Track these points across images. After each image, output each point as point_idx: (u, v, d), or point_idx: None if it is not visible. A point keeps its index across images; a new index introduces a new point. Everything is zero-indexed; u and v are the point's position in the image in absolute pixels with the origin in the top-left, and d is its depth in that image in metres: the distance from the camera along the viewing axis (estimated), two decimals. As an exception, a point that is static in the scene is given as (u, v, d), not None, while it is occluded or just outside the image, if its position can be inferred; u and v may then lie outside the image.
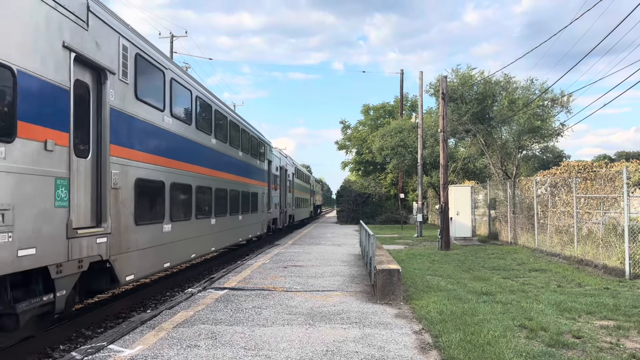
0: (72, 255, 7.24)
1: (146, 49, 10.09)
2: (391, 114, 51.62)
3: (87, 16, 7.73)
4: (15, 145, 6.10)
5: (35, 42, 6.52)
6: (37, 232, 6.47)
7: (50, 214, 6.75)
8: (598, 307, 8.77)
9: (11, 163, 6.02)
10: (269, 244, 22.81)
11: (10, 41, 6.04)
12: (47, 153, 6.70)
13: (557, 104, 23.74)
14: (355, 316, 7.97)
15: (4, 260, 5.83)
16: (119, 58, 8.81)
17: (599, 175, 16.11)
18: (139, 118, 9.61)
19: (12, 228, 5.99)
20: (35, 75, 6.49)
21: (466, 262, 15.18)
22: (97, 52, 8.04)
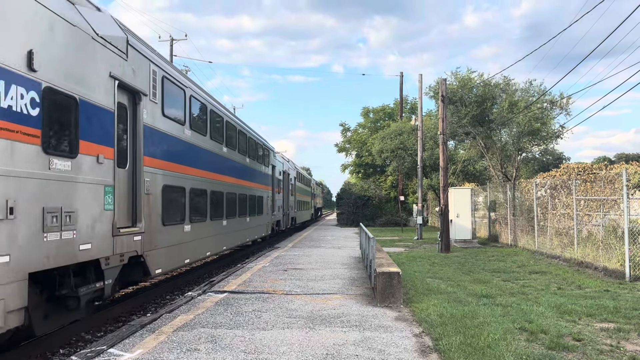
0: (116, 250, 8.57)
1: (170, 71, 11.60)
2: (391, 116, 51.66)
3: (126, 49, 9.11)
4: (78, 160, 7.44)
5: (90, 74, 7.83)
6: (92, 230, 7.79)
7: (101, 216, 8.09)
8: (598, 309, 8.76)
9: (75, 175, 7.36)
10: (269, 246, 22.80)
11: (73, 75, 7.35)
12: (99, 165, 8.03)
13: (556, 106, 23.76)
14: (356, 319, 7.96)
15: (70, 253, 7.17)
16: (150, 81, 10.17)
17: (599, 177, 16.11)
18: (165, 132, 10.99)
19: (75, 227, 7.32)
20: (90, 102, 7.82)
21: (466, 265, 15.17)
22: (134, 78, 9.39)
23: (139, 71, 9.66)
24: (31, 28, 6.47)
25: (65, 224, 7.07)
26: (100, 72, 8.16)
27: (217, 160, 15.26)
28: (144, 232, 9.66)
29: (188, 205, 12.35)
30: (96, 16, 8.40)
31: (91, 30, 7.90)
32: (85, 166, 7.64)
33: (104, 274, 8.24)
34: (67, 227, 7.09)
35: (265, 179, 23.50)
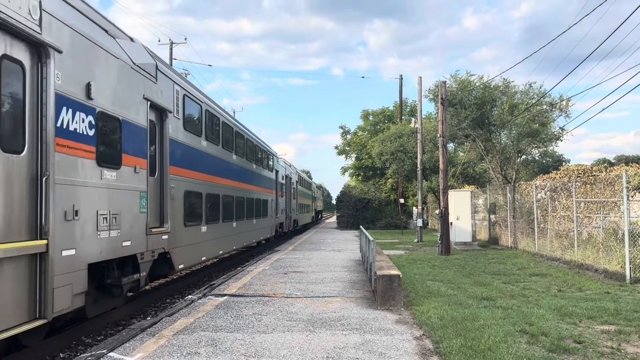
0: (149, 247, 9.93)
1: (189, 89, 12.92)
2: (390, 119, 51.67)
3: (156, 73, 10.43)
4: (121, 170, 8.81)
5: (129, 98, 9.19)
6: (132, 229, 9.13)
7: (138, 217, 9.42)
8: (599, 311, 8.75)
9: (119, 183, 8.71)
10: (269, 249, 22.78)
11: (117, 100, 8.71)
12: (136, 174, 9.38)
13: (556, 108, 23.78)
14: (356, 322, 7.95)
15: (116, 248, 8.57)
16: (174, 100, 11.53)
17: (599, 179, 16.12)
18: (186, 144, 12.34)
19: (120, 227, 8.68)
20: (129, 121, 9.15)
21: (466, 267, 15.16)
22: (162, 98, 10.77)
23: (166, 91, 11.09)
24: (89, 64, 7.85)
25: (112, 224, 8.50)
26: (136, 95, 9.56)
27: (228, 167, 16.62)
28: (170, 231, 11.06)
29: (204, 208, 13.76)
30: (131, 46, 9.84)
31: (129, 60, 9.32)
32: (126, 175, 9.02)
33: (140, 267, 9.60)
34: (113, 227, 8.52)
35: (270, 184, 24.75)
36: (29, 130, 6.51)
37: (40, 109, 6.67)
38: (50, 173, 6.72)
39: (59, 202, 6.99)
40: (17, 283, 6.21)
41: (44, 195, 6.67)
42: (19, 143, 6.36)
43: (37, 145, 6.64)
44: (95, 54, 8.06)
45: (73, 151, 7.33)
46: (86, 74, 7.73)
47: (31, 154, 6.55)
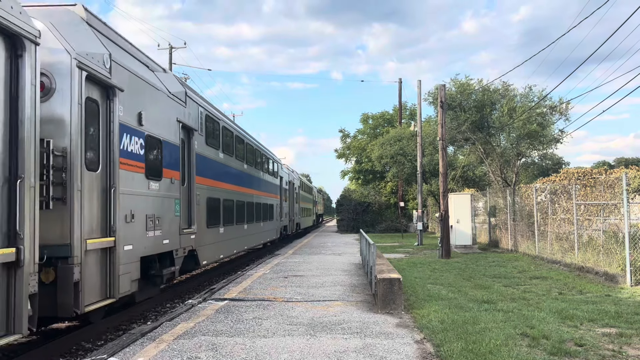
0: (181, 245, 11.82)
1: (210, 109, 14.96)
2: (390, 122, 51.73)
3: (185, 99, 12.35)
4: (161, 181, 10.60)
5: (166, 121, 11.06)
6: (169, 230, 10.98)
7: (173, 220, 11.30)
8: (600, 314, 8.74)
9: (160, 191, 10.56)
10: (269, 253, 22.77)
11: (158, 124, 10.59)
12: (172, 184, 11.26)
13: (555, 111, 23.81)
14: (357, 326, 7.94)
15: (158, 245, 10.44)
16: (198, 120, 13.43)
17: (599, 182, 16.12)
18: (208, 157, 14.33)
19: (161, 228, 10.54)
20: (167, 140, 11.01)
21: (467, 271, 15.14)
22: (190, 119, 12.64)
23: (192, 113, 12.99)
24: (140, 97, 9.71)
25: (156, 225, 10.26)
26: (172, 118, 11.43)
27: (240, 175, 18.57)
28: (196, 232, 12.89)
29: (222, 212, 15.59)
30: (166, 77, 11.88)
31: (166, 90, 11.16)
32: (165, 186, 10.86)
33: (175, 261, 11.45)
34: (157, 228, 10.31)
35: (275, 189, 26.64)
36: (102, 152, 8.43)
37: (108, 136, 8.57)
38: (117, 185, 8.58)
39: (122, 208, 8.80)
40: (96, 270, 8.14)
41: (112, 203, 8.53)
42: (96, 163, 8.29)
43: (107, 164, 8.52)
44: (143, 88, 9.97)
45: (130, 167, 9.24)
46: (138, 106, 9.62)
47: (103, 171, 8.45)
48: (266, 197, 23.60)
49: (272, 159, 26.41)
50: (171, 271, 11.25)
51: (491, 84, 24.86)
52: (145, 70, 10.36)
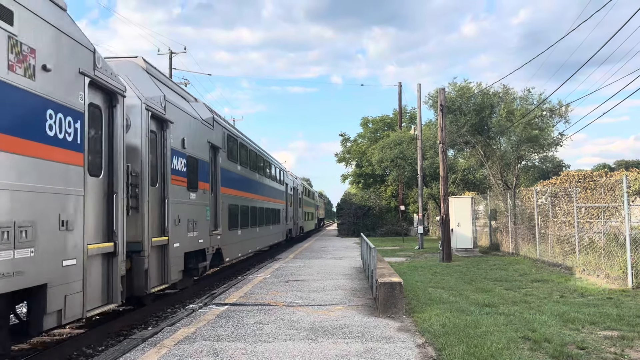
0: (211, 244, 14.29)
1: (231, 129, 17.72)
2: (390, 126, 51.72)
3: (213, 123, 14.83)
4: (197, 192, 13.06)
5: (200, 143, 13.61)
6: (202, 231, 13.40)
7: (205, 223, 13.75)
8: (601, 317, 8.72)
9: (197, 200, 13.04)
10: (269, 258, 22.75)
11: (195, 146, 13.07)
12: (204, 194, 13.71)
13: (555, 114, 23.82)
14: (358, 330, 7.92)
15: (195, 243, 12.79)
16: (222, 139, 15.92)
17: (599, 184, 16.10)
18: (229, 170, 16.82)
19: (197, 229, 12.93)
20: (201, 159, 13.53)
21: (468, 274, 15.12)
22: (216, 139, 15.16)
23: (218, 134, 15.44)
24: (183, 126, 12.14)
25: (194, 228, 12.69)
26: (203, 140, 13.96)
27: (253, 184, 21.06)
28: (221, 234, 15.31)
29: (239, 217, 18.03)
30: (198, 106, 14.70)
31: (199, 117, 13.69)
32: (200, 195, 13.30)
33: (206, 257, 13.88)
34: (195, 230, 12.75)
35: (281, 195, 28.91)
36: (159, 171, 10.87)
37: (163, 158, 11.00)
38: (169, 196, 11.03)
39: (172, 214, 11.20)
40: (156, 262, 10.49)
41: (165, 210, 10.97)
42: (156, 179, 10.71)
43: (163, 180, 10.96)
44: (185, 119, 12.39)
45: (177, 182, 11.67)
46: (182, 133, 12.09)
47: (160, 185, 10.91)
48: (274, 203, 26.05)
49: (279, 167, 29.03)
50: (204, 265, 13.71)
51: (490, 87, 24.90)
52: (185, 103, 13.16)
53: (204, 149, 13.92)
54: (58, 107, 6.87)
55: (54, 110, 6.79)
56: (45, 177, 6.58)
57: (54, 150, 6.78)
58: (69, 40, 7.23)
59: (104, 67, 8.25)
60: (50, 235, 6.63)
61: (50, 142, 6.70)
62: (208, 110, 15.40)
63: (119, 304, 8.60)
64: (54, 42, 6.88)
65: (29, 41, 6.28)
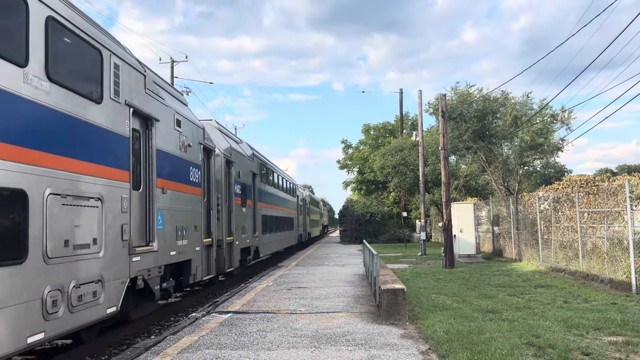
0: (253, 243, 19.28)
1: (262, 159, 23.52)
2: (392, 133, 51.81)
3: (253, 157, 20.09)
4: (246, 207, 18.35)
5: (247, 173, 18.82)
6: (249, 234, 18.59)
7: (250, 229, 18.78)
8: (606, 322, 8.69)
9: (246, 213, 18.41)
10: (272, 265, 22.72)
11: (244, 176, 18.45)
12: (249, 208, 18.82)
13: (557, 119, 23.82)
14: (361, 337, 7.90)
15: (245, 243, 17.90)
16: (258, 168, 21.35)
17: (602, 189, 16.07)
18: (262, 189, 22.30)
19: (246, 233, 18.20)
20: (248, 184, 18.78)
21: (471, 280, 15.08)
22: (255, 168, 20.43)
23: (255, 164, 20.91)
24: (239, 163, 17.08)
25: (245, 231, 17.86)
26: (248, 171, 19.17)
27: (277, 199, 26.88)
28: (258, 237, 20.63)
29: (268, 224, 23.47)
30: (244, 146, 20.17)
31: (246, 154, 19.11)
32: (247, 209, 18.54)
33: (251, 252, 18.99)
34: (245, 233, 17.88)
35: (294, 206, 34.56)
36: (228, 195, 15.83)
37: (229, 185, 15.94)
38: (234, 211, 16.20)
39: (235, 222, 16.22)
40: (228, 253, 15.31)
41: (232, 220, 15.97)
42: (227, 200, 15.63)
43: (229, 201, 15.82)
44: (239, 157, 17.66)
45: (236, 201, 16.75)
46: (238, 168, 17.24)
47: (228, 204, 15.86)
48: (290, 213, 31.75)
49: (293, 183, 35.49)
50: (249, 258, 19.00)
51: (491, 93, 24.92)
52: (237, 145, 18.70)
53: (249, 176, 19.32)
54: (194, 165, 12.37)
55: (193, 167, 12.28)
56: (191, 202, 12.06)
57: (193, 188, 12.25)
58: (194, 126, 12.53)
59: (206, 136, 13.82)
60: (192, 233, 11.97)
61: (191, 183, 12.11)
62: (249, 147, 21.33)
63: (213, 275, 14.29)
64: (190, 130, 12.17)
65: (184, 133, 11.71)
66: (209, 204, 13.73)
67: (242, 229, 17.40)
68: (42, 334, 6.12)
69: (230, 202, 15.93)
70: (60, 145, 6.68)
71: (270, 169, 25.31)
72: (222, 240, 14.66)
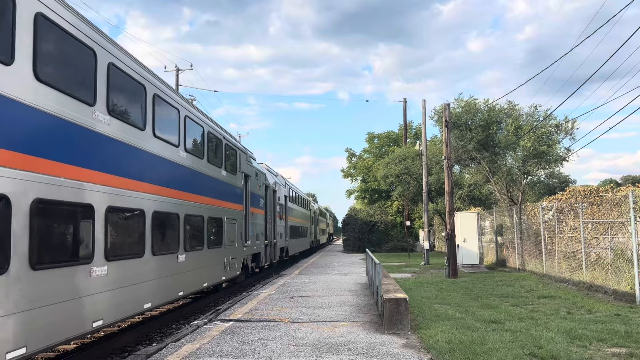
0: (285, 245, 27.93)
1: (292, 185, 34.27)
2: (396, 142, 51.82)
3: (285, 184, 29.93)
4: (282, 220, 27.26)
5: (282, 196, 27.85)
6: (283, 238, 27.38)
7: (284, 234, 27.77)
8: (609, 334, 8.64)
9: (282, 224, 27.20)
10: (275, 274, 22.71)
11: (281, 198, 27.36)
12: (282, 220, 27.35)
13: (561, 130, 23.78)
14: (363, 347, 7.88)
15: (282, 244, 26.85)
16: (288, 191, 30.62)
17: (605, 199, 16.02)
18: (290, 207, 30.94)
19: (282, 238, 27.01)
20: (282, 204, 28.33)
21: (474, 290, 15.03)
22: (286, 192, 29.59)
23: (287, 190, 29.78)
24: (279, 190, 26.20)
25: (282, 237, 26.61)
26: (282, 194, 27.22)
27: (298, 213, 34.91)
28: (288, 240, 28.53)
29: (294, 232, 31.76)
30: (279, 178, 28.33)
31: (282, 183, 28.02)
32: (282, 222, 26.92)
33: (284, 251, 27.44)
34: (281, 238, 26.45)
35: (308, 218, 42.95)
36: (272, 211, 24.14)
37: (274, 206, 24.52)
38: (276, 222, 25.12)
39: (277, 230, 24.92)
40: (272, 250, 23.74)
41: (275, 228, 24.55)
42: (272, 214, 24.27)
43: (273, 215, 24.23)
44: (279, 187, 26.18)
45: (277, 215, 25.12)
46: (278, 194, 25.66)
47: (272, 217, 23.89)
48: (306, 223, 40.69)
49: (309, 200, 45.55)
50: (283, 255, 26.50)
51: (496, 103, 24.92)
52: (276, 178, 26.52)
53: (283, 199, 27.47)
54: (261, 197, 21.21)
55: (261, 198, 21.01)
56: (261, 219, 20.83)
57: (261, 210, 20.93)
58: (262, 173, 21.83)
59: (265, 177, 22.04)
60: (260, 237, 20.48)
61: (260, 208, 20.79)
62: (282, 178, 30.42)
63: (269, 263, 22.72)
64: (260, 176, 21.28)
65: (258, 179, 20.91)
66: (266, 219, 22.15)
67: (280, 235, 25.82)
68: (223, 277, 15.24)
69: (274, 217, 24.41)
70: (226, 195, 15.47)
71: (295, 192, 34.76)
72: (270, 242, 22.97)
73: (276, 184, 25.08)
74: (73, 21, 7.45)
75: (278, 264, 26.89)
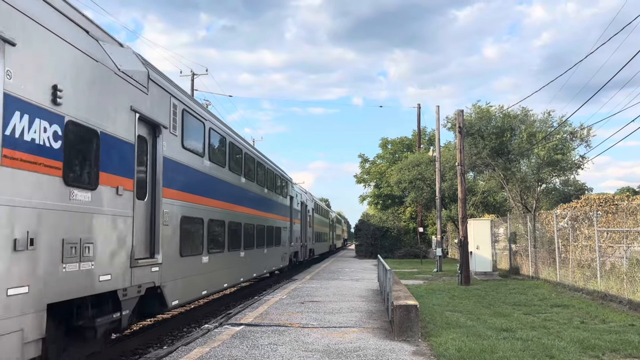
0: (312, 247, 34.86)
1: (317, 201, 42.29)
2: (409, 147, 51.73)
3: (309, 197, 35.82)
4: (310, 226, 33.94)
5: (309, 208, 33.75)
6: (310, 241, 33.87)
7: (311, 238, 34.18)
8: (623, 344, 8.52)
9: (309, 230, 33.71)
10: (286, 278, 22.74)
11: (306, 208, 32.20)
12: (310, 226, 34.00)
13: (576, 137, 23.59)
14: (372, 353, 7.86)
15: (310, 246, 33.83)
16: (312, 203, 35.99)
17: (621, 208, 15.84)
18: (316, 217, 37.66)
19: (310, 241, 33.60)
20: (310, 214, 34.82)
21: (486, 298, 14.91)
22: (310, 203, 34.11)
23: (314, 204, 37.68)
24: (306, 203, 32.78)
25: (309, 240, 33.24)
26: (311, 208, 34.51)
27: (319, 221, 39.46)
28: (314, 243, 35.95)
29: (317, 237, 37.95)
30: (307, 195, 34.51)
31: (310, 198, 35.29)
32: (311, 227, 34.00)
33: (311, 252, 34.68)
34: (309, 241, 33.10)
35: (327, 225, 48.01)
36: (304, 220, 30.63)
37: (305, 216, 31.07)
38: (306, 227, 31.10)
39: (307, 234, 31.74)
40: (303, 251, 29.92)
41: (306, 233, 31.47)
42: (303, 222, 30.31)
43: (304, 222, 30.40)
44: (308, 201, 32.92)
45: (296, 222, 26.96)
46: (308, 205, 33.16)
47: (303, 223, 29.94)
48: (326, 230, 46.61)
49: (327, 210, 51.74)
50: (311, 255, 33.45)
51: (511, 109, 24.79)
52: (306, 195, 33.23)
53: (311, 211, 33.08)
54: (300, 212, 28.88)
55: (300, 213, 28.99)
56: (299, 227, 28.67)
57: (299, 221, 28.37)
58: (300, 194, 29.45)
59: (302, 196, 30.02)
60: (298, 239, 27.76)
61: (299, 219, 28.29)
62: (310, 193, 36.14)
63: (306, 258, 31.69)
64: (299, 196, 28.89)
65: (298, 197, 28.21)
66: (301, 227, 28.54)
67: (309, 239, 32.08)
68: (281, 265, 22.51)
69: (306, 225, 30.27)
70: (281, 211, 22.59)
71: (318, 205, 40.78)
72: (304, 244, 29.19)
73: (307, 200, 32.16)
74: (196, 108, 11.72)
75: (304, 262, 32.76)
